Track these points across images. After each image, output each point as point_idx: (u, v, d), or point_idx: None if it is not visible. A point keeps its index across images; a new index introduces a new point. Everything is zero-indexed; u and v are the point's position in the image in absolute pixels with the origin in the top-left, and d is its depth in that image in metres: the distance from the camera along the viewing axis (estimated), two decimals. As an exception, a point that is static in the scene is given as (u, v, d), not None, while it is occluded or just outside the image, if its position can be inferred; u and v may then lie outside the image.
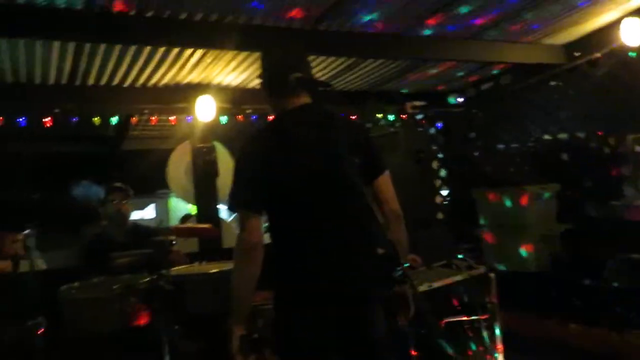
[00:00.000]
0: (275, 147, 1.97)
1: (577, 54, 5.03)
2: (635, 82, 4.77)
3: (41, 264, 4.62)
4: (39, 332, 2.49)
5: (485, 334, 3.52)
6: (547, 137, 5.78)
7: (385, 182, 2.11)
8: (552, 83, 5.57)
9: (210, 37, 3.87)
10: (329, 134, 2.01)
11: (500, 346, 3.57)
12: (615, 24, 4.54)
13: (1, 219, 2.83)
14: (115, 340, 2.91)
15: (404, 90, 6.16)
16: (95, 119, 5.00)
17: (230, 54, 4.44)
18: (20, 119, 4.70)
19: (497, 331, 3.56)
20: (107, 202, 3.95)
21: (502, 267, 5.29)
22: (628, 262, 4.42)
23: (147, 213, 9.63)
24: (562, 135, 5.60)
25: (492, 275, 3.65)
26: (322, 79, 5.07)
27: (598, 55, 4.82)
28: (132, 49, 4.11)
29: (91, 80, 4.76)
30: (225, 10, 3.72)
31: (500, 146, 6.26)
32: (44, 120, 4.78)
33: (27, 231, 2.65)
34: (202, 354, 3.05)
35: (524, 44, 4.99)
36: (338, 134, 1.99)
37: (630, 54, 4.60)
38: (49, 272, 4.59)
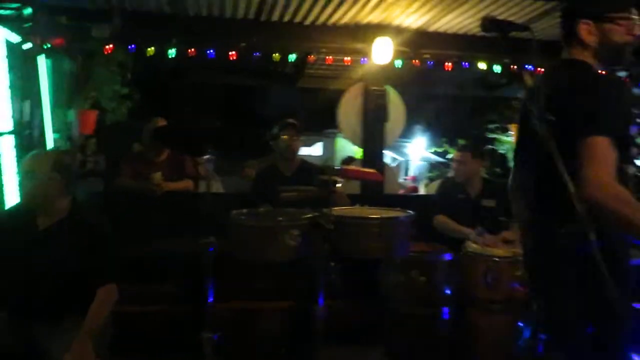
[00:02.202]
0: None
1: None
2: None
3: (218, 187, 5.03)
4: (209, 250, 2.66)
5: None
6: None
7: (580, 152, 1.66)
8: None
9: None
10: (541, 91, 1.77)
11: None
12: None
13: (186, 142, 3.05)
14: (275, 268, 3.05)
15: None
16: (275, 55, 5.16)
17: (414, -7, 4.21)
18: (209, 51, 5.01)
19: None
20: (279, 137, 4.10)
21: None
22: None
23: (314, 150, 9.94)
24: None
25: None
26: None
27: None
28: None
29: (276, 16, 4.87)
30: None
31: None
32: (230, 53, 5.04)
33: (208, 156, 2.82)
34: (353, 292, 3.09)
35: None
36: (546, 89, 1.76)
37: None
38: (223, 196, 4.99)
